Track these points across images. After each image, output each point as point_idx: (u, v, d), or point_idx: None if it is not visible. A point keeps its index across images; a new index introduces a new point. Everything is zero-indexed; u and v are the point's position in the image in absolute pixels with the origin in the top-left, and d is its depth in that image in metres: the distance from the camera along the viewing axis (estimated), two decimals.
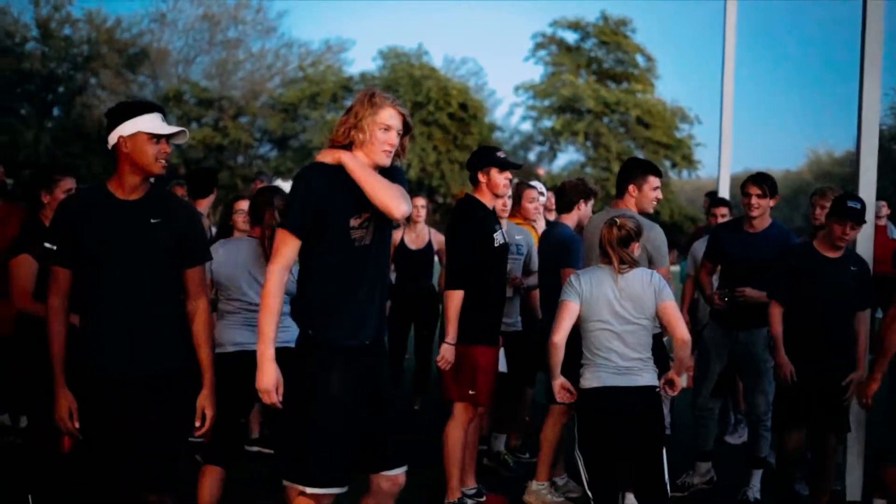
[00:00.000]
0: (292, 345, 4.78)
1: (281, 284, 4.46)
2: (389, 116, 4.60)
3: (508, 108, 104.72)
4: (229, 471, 5.81)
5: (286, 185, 9.89)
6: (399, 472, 4.69)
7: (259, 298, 4.71)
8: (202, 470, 5.74)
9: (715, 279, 7.75)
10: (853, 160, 7.53)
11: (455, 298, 6.42)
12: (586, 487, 5.66)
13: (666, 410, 6.82)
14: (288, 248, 4.49)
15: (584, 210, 7.22)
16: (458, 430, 6.67)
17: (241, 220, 6.95)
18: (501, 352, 7.47)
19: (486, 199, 6.64)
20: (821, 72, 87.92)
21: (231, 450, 5.75)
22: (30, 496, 5.95)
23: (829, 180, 44.11)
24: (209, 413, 4.74)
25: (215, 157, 46.63)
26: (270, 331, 4.41)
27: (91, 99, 44.27)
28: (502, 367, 7.46)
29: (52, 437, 6.22)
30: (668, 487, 5.61)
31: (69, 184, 6.25)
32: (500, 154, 6.62)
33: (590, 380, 5.57)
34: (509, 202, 7.84)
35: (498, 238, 6.57)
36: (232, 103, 47.61)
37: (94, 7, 46.59)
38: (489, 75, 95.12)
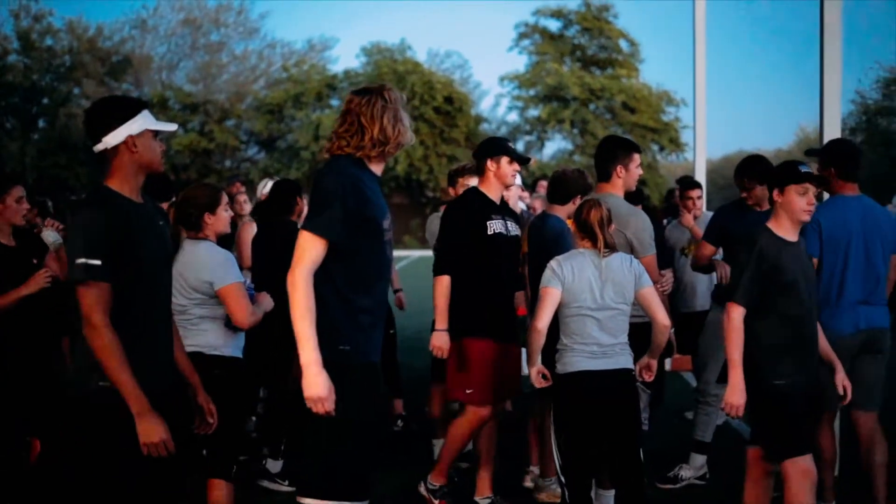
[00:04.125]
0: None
1: (312, 287, 4.28)
2: None
3: (494, 99, 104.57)
4: (237, 486, 5.67)
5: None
6: None
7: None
8: (209, 484, 5.58)
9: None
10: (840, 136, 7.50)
11: (439, 285, 6.29)
12: (559, 473, 5.61)
13: (643, 404, 6.73)
14: (319, 250, 4.30)
15: (577, 206, 7.05)
16: (462, 428, 6.41)
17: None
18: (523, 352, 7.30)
19: (492, 190, 6.49)
20: (807, 47, 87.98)
21: (232, 459, 5.62)
22: None
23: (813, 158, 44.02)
24: (213, 408, 4.65)
25: (202, 162, 46.58)
26: (314, 335, 4.22)
27: (75, 109, 44.15)
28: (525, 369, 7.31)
29: (19, 449, 6.20)
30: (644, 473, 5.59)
31: (19, 192, 6.21)
32: (512, 146, 6.56)
33: (567, 365, 5.52)
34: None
35: (494, 226, 6.40)
36: (217, 107, 47.57)
37: (74, 16, 46.38)
38: (474, 67, 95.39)
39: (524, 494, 6.97)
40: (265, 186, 9.57)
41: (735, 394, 5.30)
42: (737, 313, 5.28)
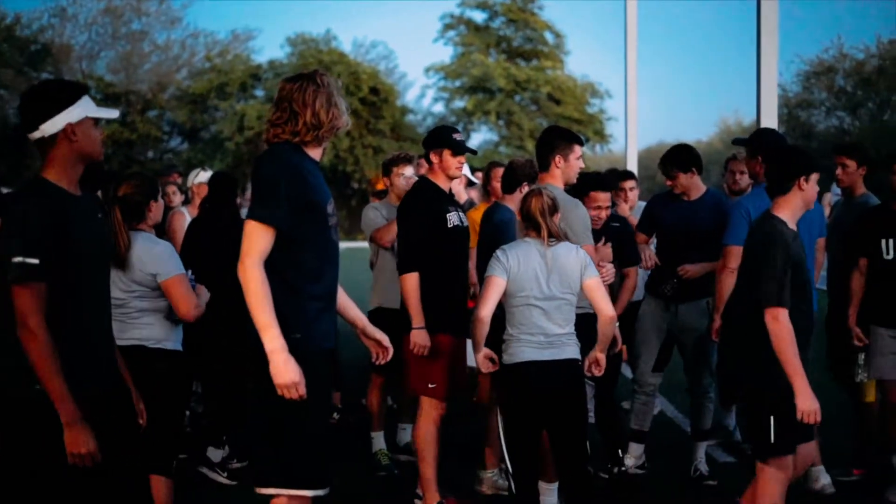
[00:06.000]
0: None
1: (265, 274, 4.22)
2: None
3: (420, 90, 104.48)
4: (176, 480, 5.57)
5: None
6: None
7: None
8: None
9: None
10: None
11: (410, 282, 6.21)
12: (507, 464, 5.60)
13: (588, 396, 6.75)
14: (268, 239, 4.26)
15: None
16: (427, 426, 6.32)
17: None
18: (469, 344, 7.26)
19: (440, 181, 6.44)
20: (732, 41, 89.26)
21: (171, 454, 5.51)
22: None
23: (739, 149, 44.82)
24: (143, 407, 4.48)
25: (124, 153, 45.92)
26: (275, 322, 4.17)
27: None
28: (470, 360, 7.27)
29: None
30: (589, 466, 5.60)
31: None
32: (457, 136, 6.45)
33: (514, 355, 5.49)
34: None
35: (452, 219, 6.36)
36: (139, 97, 46.90)
37: None
38: (399, 58, 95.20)
39: (464, 487, 6.95)
40: (196, 177, 9.52)
41: (808, 398, 5.01)
42: (784, 316, 5.02)
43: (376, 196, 9.61)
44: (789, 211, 5.24)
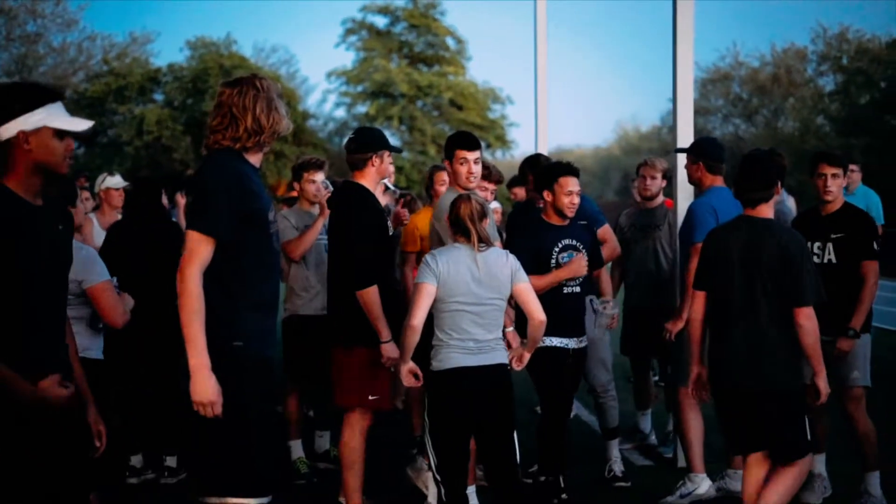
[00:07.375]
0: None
1: (202, 287, 4.16)
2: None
3: (322, 94, 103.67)
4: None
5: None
6: None
7: None
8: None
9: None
10: (659, 135, 7.81)
11: (371, 296, 5.97)
12: (434, 472, 5.57)
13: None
14: (208, 249, 4.20)
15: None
16: (357, 439, 6.22)
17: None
18: None
19: (372, 186, 6.30)
20: (630, 48, 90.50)
21: (111, 469, 5.40)
22: None
23: (638, 154, 45.43)
24: (103, 429, 4.27)
25: None
26: (203, 338, 4.11)
27: None
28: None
29: None
30: (519, 469, 5.62)
31: None
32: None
33: (443, 361, 5.47)
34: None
35: (389, 227, 6.32)
36: None
37: None
38: (301, 62, 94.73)
39: (386, 492, 6.95)
40: (104, 181, 9.36)
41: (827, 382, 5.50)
42: (813, 312, 5.39)
43: (285, 203, 9.55)
44: (771, 214, 5.54)
